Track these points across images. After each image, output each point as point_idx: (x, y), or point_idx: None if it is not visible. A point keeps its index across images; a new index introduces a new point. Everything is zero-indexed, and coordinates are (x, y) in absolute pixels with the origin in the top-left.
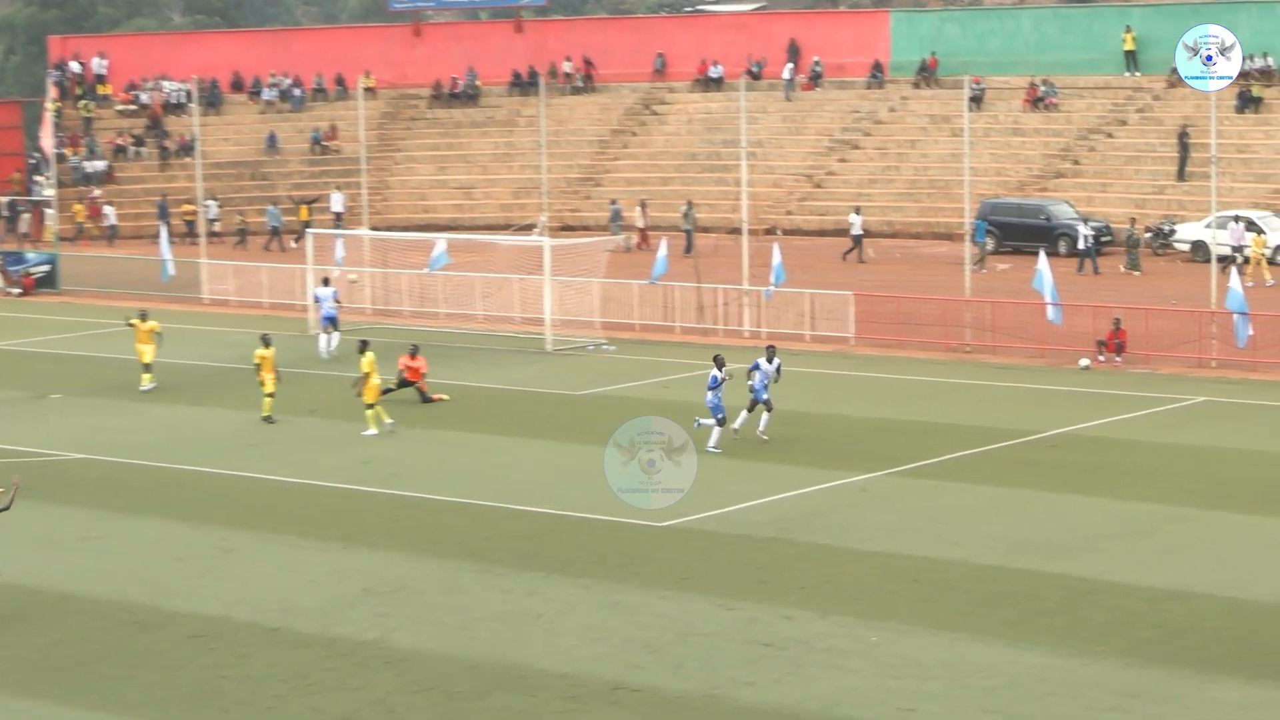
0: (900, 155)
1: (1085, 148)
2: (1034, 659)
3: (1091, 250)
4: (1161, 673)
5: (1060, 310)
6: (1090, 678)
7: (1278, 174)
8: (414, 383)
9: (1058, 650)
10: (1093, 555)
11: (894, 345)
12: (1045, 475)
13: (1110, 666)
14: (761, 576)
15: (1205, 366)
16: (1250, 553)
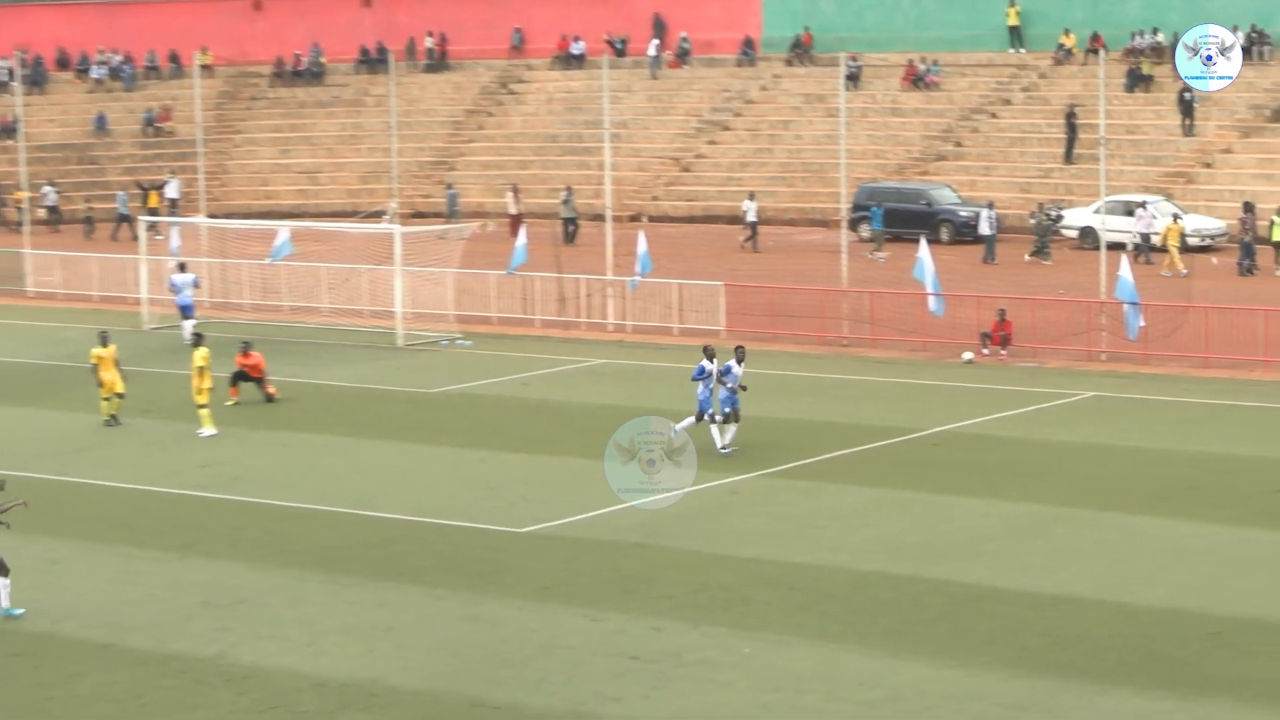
0: (773, 137)
1: (968, 129)
2: (916, 670)
3: (994, 237)
4: (1050, 683)
5: (942, 301)
6: (975, 689)
7: (1169, 156)
8: (255, 379)
9: (941, 660)
10: (977, 560)
11: (767, 338)
12: (927, 475)
13: (996, 677)
14: (628, 585)
15: (1094, 360)
16: (1142, 555)
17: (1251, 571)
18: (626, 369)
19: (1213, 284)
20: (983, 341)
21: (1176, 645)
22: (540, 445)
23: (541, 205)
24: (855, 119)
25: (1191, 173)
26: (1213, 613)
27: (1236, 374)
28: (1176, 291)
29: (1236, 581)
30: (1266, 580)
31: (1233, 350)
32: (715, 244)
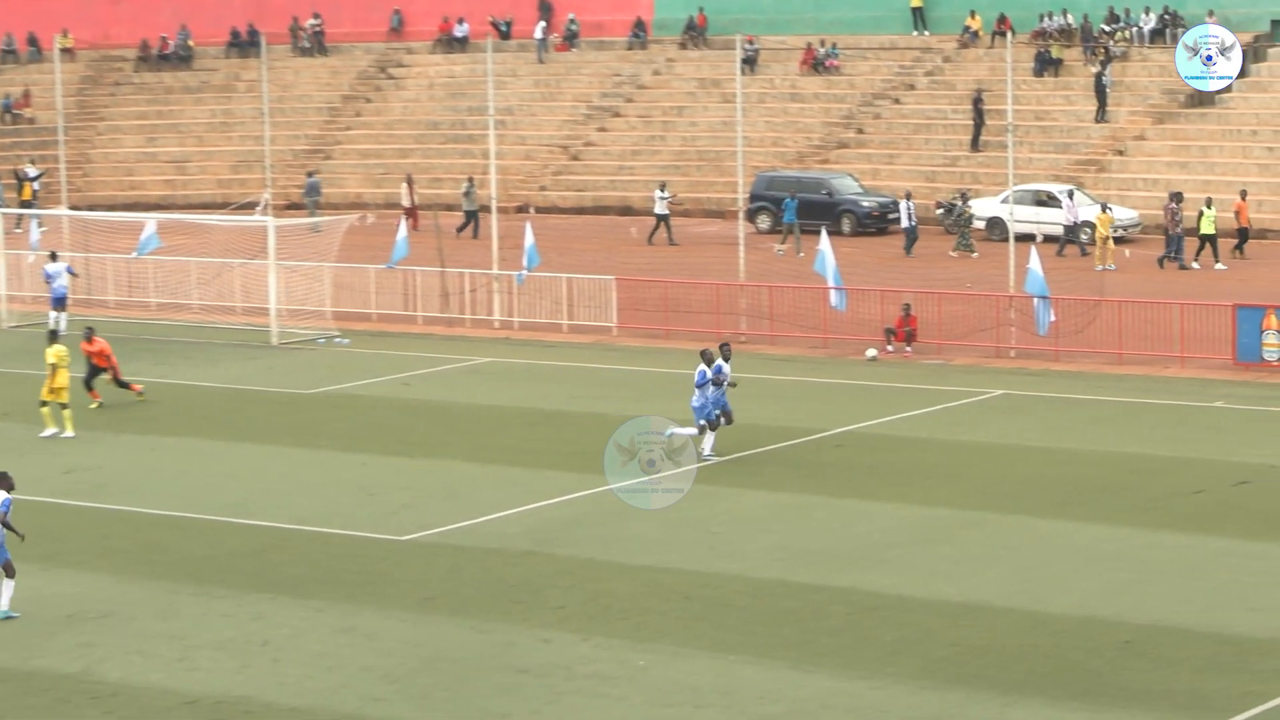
0: (666, 124)
1: (870, 115)
2: (819, 682)
3: (914, 229)
4: (958, 695)
5: (844, 295)
6: (880, 701)
7: (1079, 143)
8: (104, 369)
9: (844, 672)
10: (882, 566)
11: (660, 335)
12: (829, 478)
13: (902, 689)
14: (516, 595)
15: (1003, 356)
16: (1053, 561)
17: (1166, 577)
18: (513, 368)
19: (1127, 277)
20: (887, 338)
21: (1089, 655)
22: (422, 448)
23: (424, 196)
24: (752, 105)
25: (1103, 160)
26: (1126, 620)
27: (1151, 371)
28: (1089, 285)
29: (1151, 588)
30: (1181, 586)
31: (1147, 346)
32: (606, 236)
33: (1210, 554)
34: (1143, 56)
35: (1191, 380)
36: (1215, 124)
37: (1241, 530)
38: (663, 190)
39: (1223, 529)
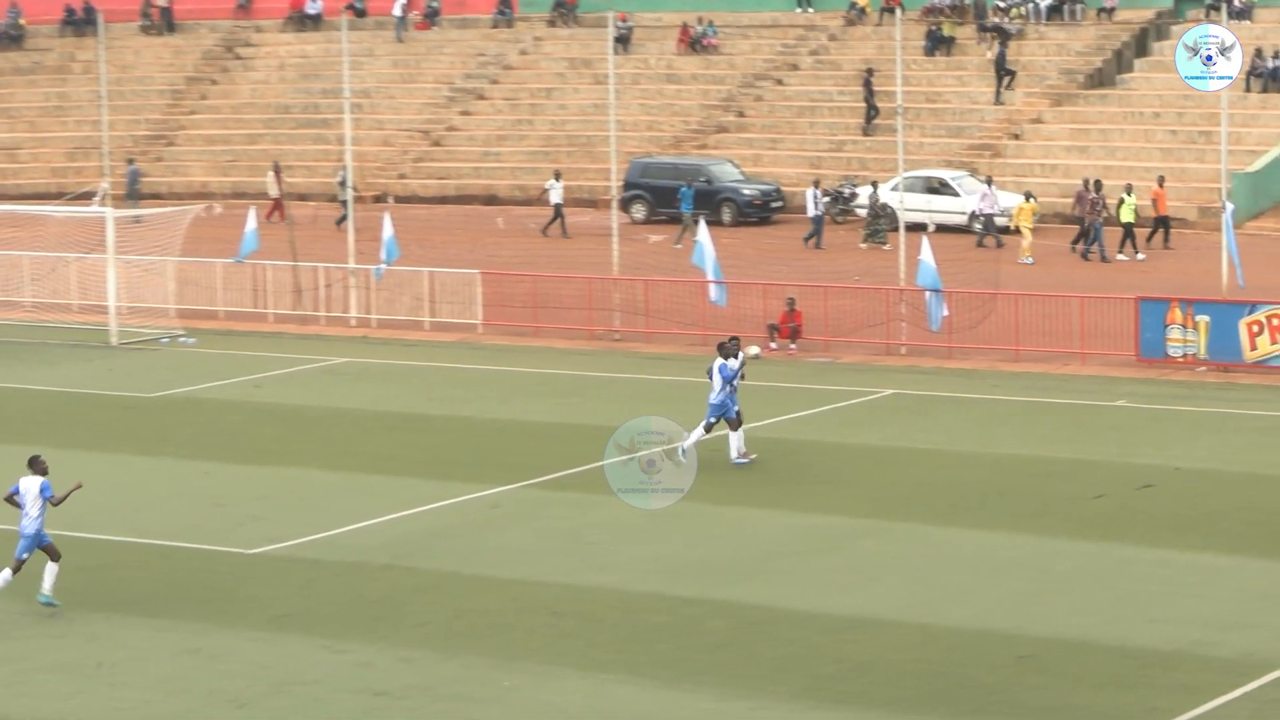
0: (534, 107)
1: (751, 97)
2: (697, 703)
3: (821, 218)
4: (846, 714)
5: (725, 290)
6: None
7: (973, 126)
8: None
9: (725, 691)
10: (765, 578)
11: (529, 333)
12: (709, 485)
13: (786, 710)
14: (375, 612)
15: (894, 354)
16: (947, 571)
17: (1066, 587)
18: (371, 368)
19: (1026, 269)
20: (770, 334)
21: (985, 670)
22: (274, 456)
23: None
24: (626, 87)
25: (998, 145)
26: (1024, 633)
27: (1049, 368)
28: (983, 278)
29: (1050, 598)
30: (1082, 596)
31: (1046, 342)
32: (471, 227)
33: (1112, 562)
34: (1039, 35)
35: (1092, 378)
36: (1116, 106)
37: (1145, 537)
38: (557, 179)
39: (1125, 535)
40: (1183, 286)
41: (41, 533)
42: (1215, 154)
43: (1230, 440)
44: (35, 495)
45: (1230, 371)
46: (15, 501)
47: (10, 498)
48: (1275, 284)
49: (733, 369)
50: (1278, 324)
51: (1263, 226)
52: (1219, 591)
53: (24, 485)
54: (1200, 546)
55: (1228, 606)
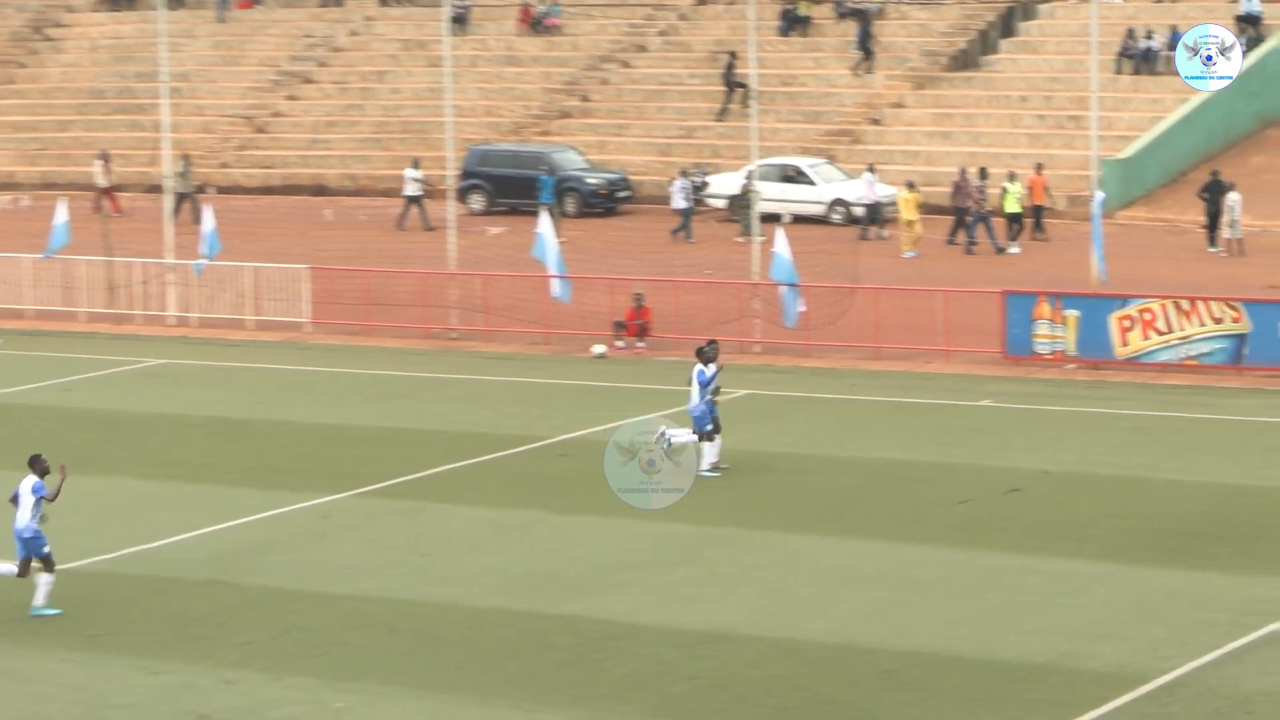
0: (365, 91)
1: (596, 80)
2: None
3: (690, 210)
4: None
5: (568, 285)
6: None
7: (830, 112)
8: None
9: (572, 711)
10: (614, 591)
11: (360, 332)
12: (554, 492)
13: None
14: (196, 630)
15: (747, 352)
16: (805, 582)
17: (930, 598)
18: (191, 370)
19: (889, 261)
20: (616, 332)
21: (845, 686)
22: (87, 464)
23: (86, 174)
24: (463, 69)
25: (857, 131)
26: (886, 647)
27: (912, 366)
28: (842, 271)
29: (913, 610)
30: (946, 608)
31: (908, 339)
32: (298, 219)
33: (979, 571)
34: (901, 14)
35: (957, 377)
36: (981, 89)
37: (1013, 544)
38: (415, 167)
39: (992, 542)
40: (1052, 279)
41: (39, 536)
42: (1085, 140)
43: (1101, 441)
44: (28, 495)
45: (1101, 369)
46: (16, 503)
47: (14, 500)
48: (1147, 276)
49: (709, 375)
50: (1150, 319)
51: (1135, 216)
52: (1090, 601)
53: (22, 487)
54: (1070, 554)
55: (1099, 617)
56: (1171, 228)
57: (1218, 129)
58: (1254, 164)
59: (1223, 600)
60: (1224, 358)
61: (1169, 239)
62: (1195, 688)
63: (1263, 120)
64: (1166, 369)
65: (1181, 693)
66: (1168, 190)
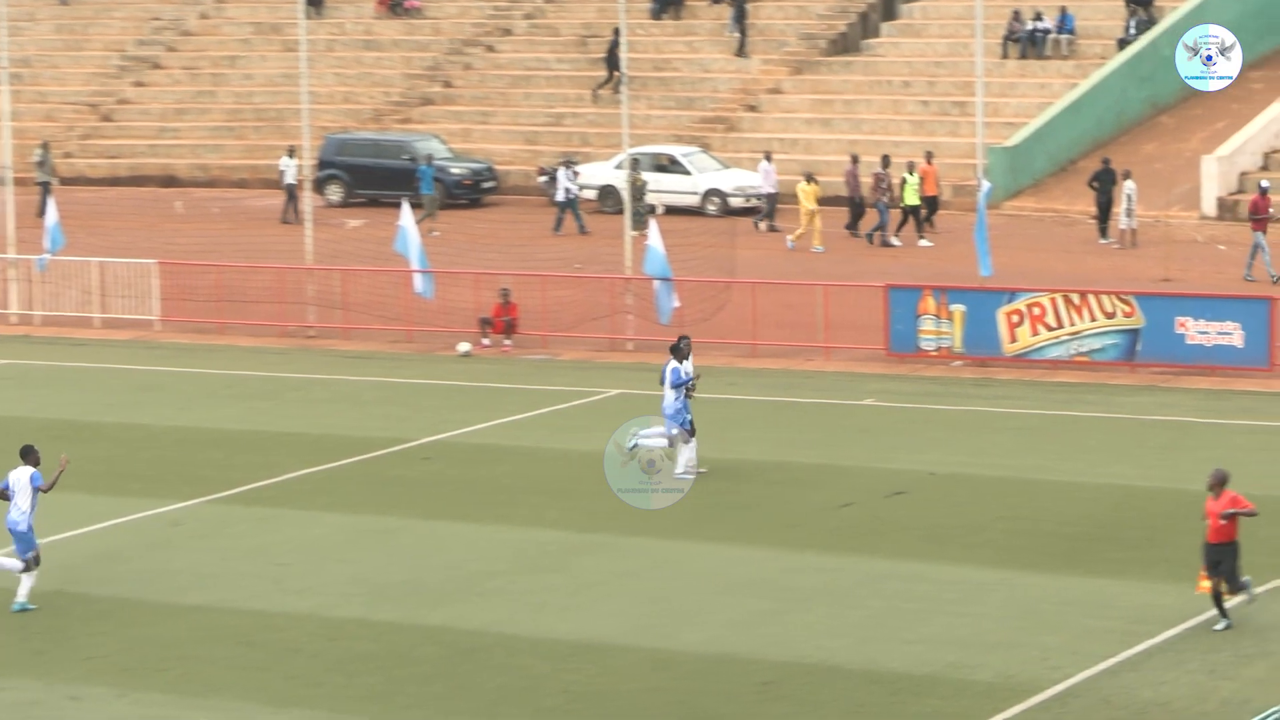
0: (216, 77)
1: (459, 65)
2: None
3: (573, 201)
4: None
5: (431, 280)
6: None
7: (705, 98)
8: None
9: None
10: (481, 601)
11: (213, 330)
12: (417, 497)
13: None
14: (39, 644)
15: (619, 349)
16: (681, 590)
17: (811, 605)
18: (34, 371)
19: (766, 254)
20: (482, 329)
21: (722, 699)
22: None
23: None
24: (319, 54)
25: (733, 118)
26: (765, 658)
27: (791, 364)
28: (717, 265)
29: (794, 618)
30: (828, 616)
31: (787, 335)
32: (146, 212)
33: (861, 577)
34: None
35: (838, 374)
36: (861, 74)
37: (896, 549)
38: (291, 155)
39: (876, 548)
40: (937, 273)
41: (31, 531)
42: (970, 127)
43: (989, 442)
44: (25, 486)
45: (988, 366)
46: (6, 496)
47: (3, 493)
48: (1036, 269)
49: (687, 374)
50: (1039, 314)
51: (1022, 206)
52: (978, 609)
53: (13, 478)
54: (958, 559)
55: (988, 625)
56: (1061, 218)
57: (1108, 115)
58: (1146, 152)
59: (1116, 607)
60: (1116, 354)
61: (1058, 230)
62: (1088, 698)
63: (1155, 106)
64: (1056, 366)
65: (1074, 704)
66: (1057, 179)
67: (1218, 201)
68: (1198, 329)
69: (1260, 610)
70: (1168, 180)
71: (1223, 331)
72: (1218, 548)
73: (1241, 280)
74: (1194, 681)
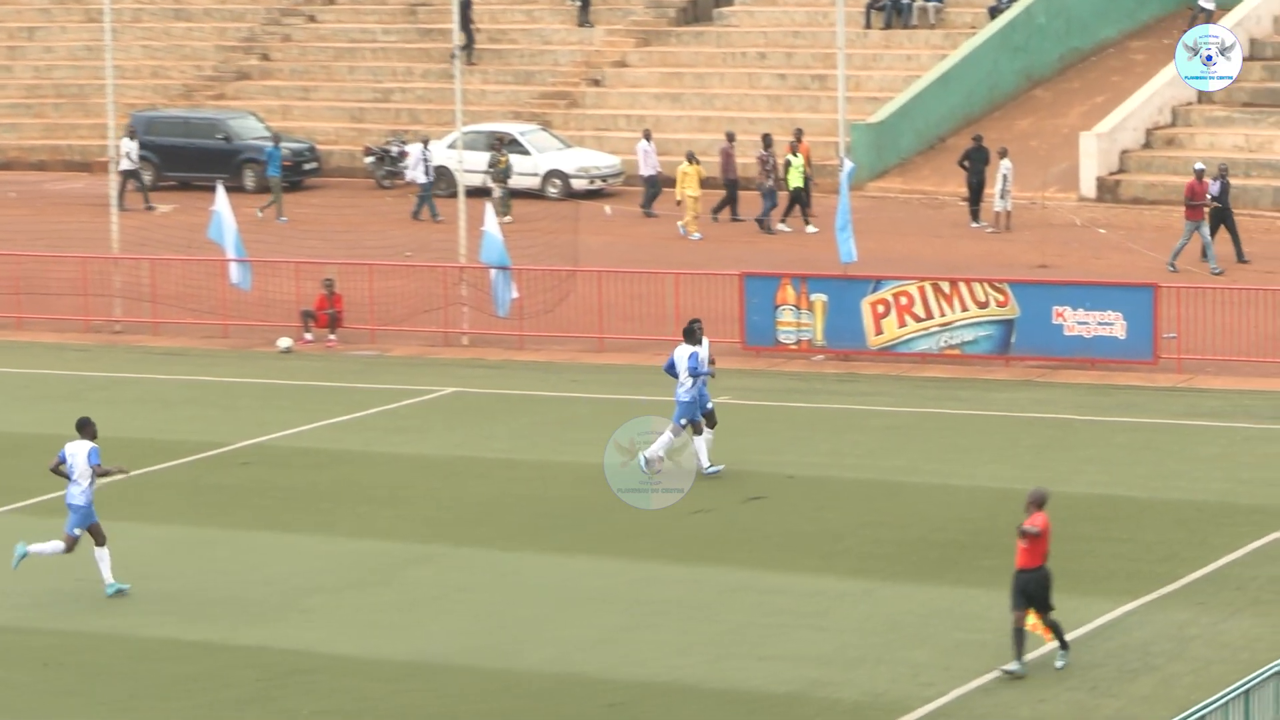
0: (13, 50)
1: (278, 37)
2: None
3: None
4: None
5: (248, 270)
6: None
7: (545, 72)
8: None
9: None
10: (304, 618)
11: (10, 325)
12: (234, 506)
13: None
14: None
15: (454, 344)
16: (524, 605)
17: (662, 620)
18: None
19: (614, 239)
20: (305, 323)
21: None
22: None
23: None
24: (124, 25)
25: (576, 93)
26: (615, 677)
27: (640, 359)
28: (559, 252)
29: (645, 635)
30: (680, 632)
31: (636, 328)
32: None
33: (716, 589)
34: None
35: None
36: (714, 46)
37: (753, 558)
38: (131, 138)
39: (731, 558)
40: (796, 260)
41: (91, 507)
42: (831, 102)
43: (853, 442)
44: (84, 462)
45: (852, 360)
46: (62, 471)
47: (57, 467)
48: (903, 255)
49: (703, 358)
50: (907, 303)
51: (888, 187)
52: (841, 622)
53: (70, 451)
54: (819, 569)
55: (851, 640)
56: (930, 200)
57: (979, 89)
58: (1020, 128)
59: (990, 619)
60: (989, 346)
61: (927, 213)
62: (961, 717)
63: (1029, 79)
64: (926, 359)
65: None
66: (925, 158)
67: (1098, 182)
68: (1077, 319)
69: (1142, 623)
70: (1044, 159)
71: (1103, 322)
72: (1023, 574)
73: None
74: (1075, 699)
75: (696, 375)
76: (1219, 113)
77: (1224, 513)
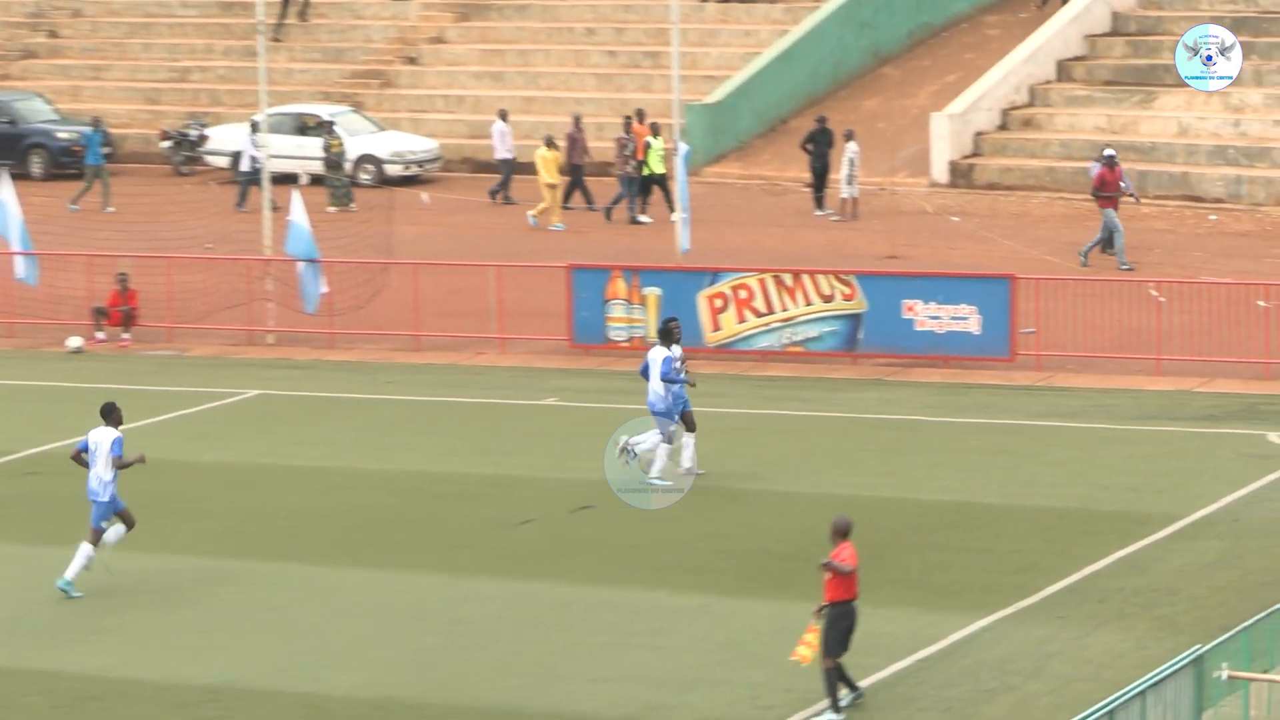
0: None
1: (66, 13)
2: None
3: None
4: None
5: (35, 264)
6: None
7: (356, 49)
8: None
9: None
10: (98, 640)
11: None
12: (18, 519)
13: None
14: None
15: (258, 343)
16: (335, 624)
17: (484, 640)
18: None
19: (431, 230)
20: (97, 321)
21: None
22: None
23: None
24: None
25: (389, 72)
26: (432, 701)
27: (460, 358)
28: (373, 245)
29: (464, 655)
30: (504, 652)
31: (454, 325)
32: None
33: (542, 606)
34: None
35: (514, 370)
36: (538, 20)
37: (581, 573)
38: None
39: (557, 572)
40: (627, 251)
41: (116, 497)
42: (664, 81)
43: None
44: (106, 452)
45: (688, 358)
46: (83, 460)
47: (79, 455)
48: (742, 246)
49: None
50: (746, 297)
51: (726, 172)
52: (676, 641)
53: (94, 439)
54: (651, 584)
55: (686, 659)
56: (771, 186)
57: (824, 67)
58: (867, 108)
59: None
60: (835, 343)
61: (768, 200)
62: None
63: (876, 56)
64: (767, 357)
65: None
66: (765, 141)
67: (950, 166)
68: (928, 313)
69: (1000, 639)
70: (892, 141)
71: (957, 316)
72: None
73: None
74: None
75: (670, 383)
76: (1079, 92)
77: (1085, 520)
